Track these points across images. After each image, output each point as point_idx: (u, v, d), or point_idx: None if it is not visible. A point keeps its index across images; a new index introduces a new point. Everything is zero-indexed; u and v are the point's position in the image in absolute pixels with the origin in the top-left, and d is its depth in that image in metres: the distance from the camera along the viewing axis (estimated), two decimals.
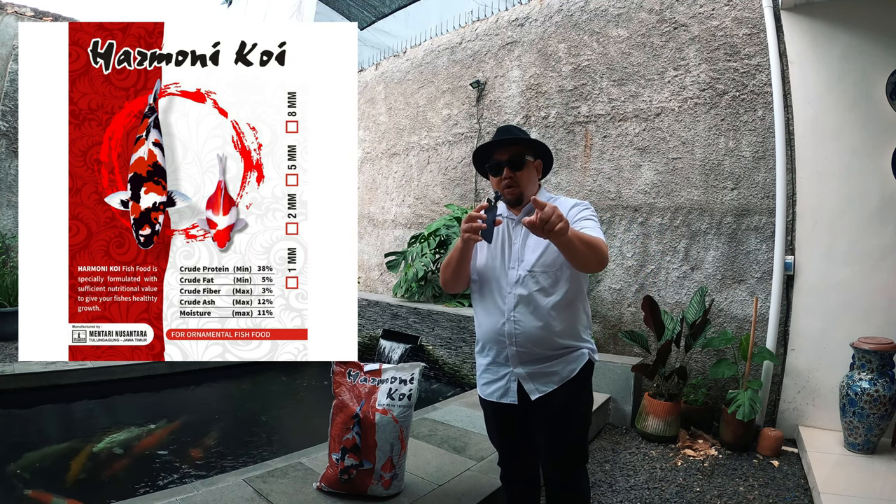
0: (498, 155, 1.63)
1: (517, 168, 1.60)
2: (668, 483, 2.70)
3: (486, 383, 1.68)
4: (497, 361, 1.63)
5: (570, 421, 1.60)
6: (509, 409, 1.62)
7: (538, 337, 1.54)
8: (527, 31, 5.31)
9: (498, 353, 1.62)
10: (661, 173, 4.14)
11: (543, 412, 1.59)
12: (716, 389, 3.59)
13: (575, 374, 1.58)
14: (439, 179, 6.18)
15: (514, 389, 1.60)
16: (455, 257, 1.59)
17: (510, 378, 1.60)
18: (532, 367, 1.58)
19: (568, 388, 1.57)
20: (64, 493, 2.28)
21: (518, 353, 1.57)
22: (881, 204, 3.12)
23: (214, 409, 3.84)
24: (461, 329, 4.22)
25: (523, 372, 1.58)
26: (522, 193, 1.62)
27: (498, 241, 1.64)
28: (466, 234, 1.45)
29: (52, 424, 3.31)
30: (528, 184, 1.63)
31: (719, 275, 3.77)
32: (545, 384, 1.57)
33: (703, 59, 3.96)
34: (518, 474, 1.76)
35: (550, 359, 1.57)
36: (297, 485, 2.00)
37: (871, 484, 2.53)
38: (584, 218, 1.56)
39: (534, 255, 1.57)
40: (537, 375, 1.58)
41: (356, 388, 1.99)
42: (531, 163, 1.64)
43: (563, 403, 1.57)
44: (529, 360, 1.57)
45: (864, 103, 3.18)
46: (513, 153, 1.60)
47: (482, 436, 2.71)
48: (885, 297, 3.07)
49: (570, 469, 1.62)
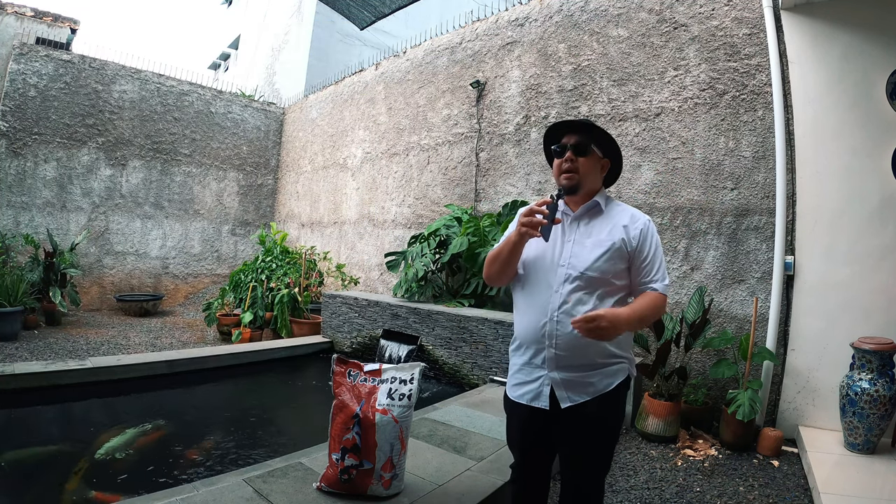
0: (567, 138, 1.56)
1: (581, 153, 1.52)
2: (668, 483, 2.70)
3: (517, 384, 1.59)
4: (533, 363, 1.54)
5: (598, 435, 1.52)
6: (537, 414, 1.53)
7: (580, 343, 1.44)
8: (527, 31, 5.31)
9: (535, 355, 1.53)
10: (661, 173, 4.14)
11: (572, 422, 1.50)
12: (716, 389, 3.59)
13: (611, 388, 1.49)
14: (439, 179, 6.18)
15: (547, 394, 1.50)
16: (506, 250, 1.52)
17: (544, 382, 1.51)
18: (568, 374, 1.49)
19: (601, 401, 1.48)
20: (64, 495, 2.27)
21: (556, 357, 1.48)
22: (881, 204, 3.12)
23: (214, 408, 3.84)
24: (461, 329, 4.22)
25: (558, 378, 1.49)
26: (580, 183, 1.53)
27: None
28: (524, 228, 1.39)
29: (52, 425, 3.31)
30: (590, 175, 1.55)
31: (719, 275, 3.77)
32: (579, 394, 1.48)
33: (703, 59, 3.96)
34: (530, 480, 1.67)
35: (589, 368, 1.48)
36: (297, 485, 2.00)
37: (871, 484, 2.52)
38: (648, 265, 1.50)
39: (591, 256, 1.48)
40: (572, 384, 1.49)
41: (356, 388, 1.99)
42: (597, 156, 1.56)
43: (595, 416, 1.49)
44: (567, 367, 1.48)
45: (864, 103, 3.18)
46: (581, 138, 1.53)
47: (482, 436, 2.71)
48: (885, 297, 3.07)
49: (590, 480, 1.55)
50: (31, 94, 6.97)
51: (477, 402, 3.32)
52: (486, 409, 3.15)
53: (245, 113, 9.22)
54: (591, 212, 1.57)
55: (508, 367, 1.66)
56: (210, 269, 8.83)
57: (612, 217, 1.55)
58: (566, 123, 1.58)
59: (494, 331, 3.98)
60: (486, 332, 4.04)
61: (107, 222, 7.71)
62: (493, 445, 2.58)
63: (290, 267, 6.89)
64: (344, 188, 7.86)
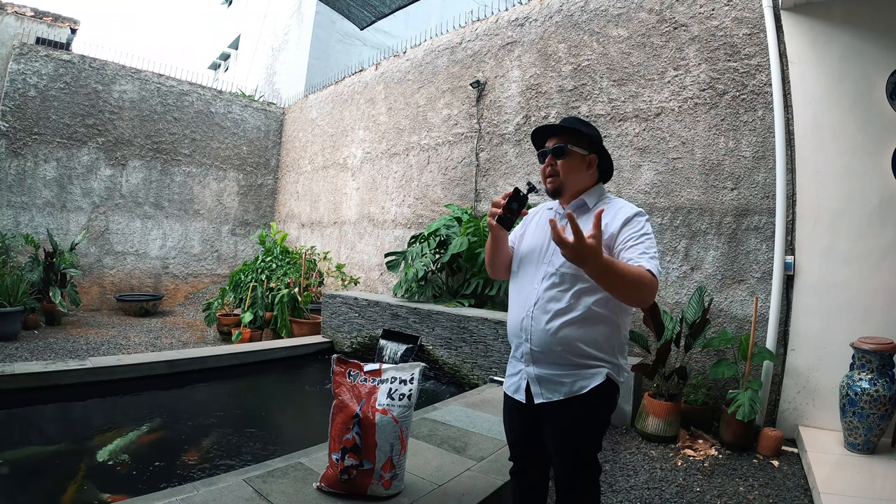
0: (549, 142, 1.60)
1: (559, 156, 1.56)
2: (668, 483, 2.70)
3: (508, 375, 1.65)
4: (515, 356, 1.60)
5: (572, 435, 1.51)
6: (519, 406, 1.58)
7: (547, 342, 1.47)
8: (527, 31, 5.31)
9: (517, 348, 1.58)
10: (661, 173, 4.14)
11: (547, 419, 1.53)
12: (716, 389, 3.59)
13: (585, 391, 1.46)
14: (439, 179, 6.18)
15: (523, 388, 1.55)
16: (489, 243, 1.64)
17: (522, 376, 1.56)
18: (542, 370, 1.51)
19: (578, 404, 1.47)
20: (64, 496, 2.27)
21: (532, 353, 1.52)
22: (881, 204, 3.12)
23: (214, 408, 3.84)
24: (461, 329, 4.22)
25: (533, 373, 1.53)
26: (562, 185, 1.57)
27: (542, 234, 1.59)
28: (488, 218, 1.48)
29: (53, 425, 3.31)
30: (571, 174, 1.56)
31: (719, 275, 3.77)
32: (551, 392, 1.50)
33: (703, 59, 3.96)
34: (525, 472, 1.70)
35: (563, 366, 1.49)
36: (297, 485, 1.99)
37: (871, 484, 2.52)
38: (634, 243, 1.42)
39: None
40: (546, 381, 1.51)
41: (356, 388, 1.99)
42: (580, 154, 1.56)
43: (572, 417, 1.49)
44: (541, 363, 1.51)
45: (864, 103, 3.18)
46: (558, 140, 1.57)
47: (482, 436, 2.71)
48: (885, 297, 3.07)
49: (572, 477, 1.55)
50: (31, 94, 6.97)
51: (477, 402, 3.32)
52: (486, 409, 3.15)
53: (245, 113, 9.22)
54: (578, 210, 1.60)
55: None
56: (210, 269, 8.83)
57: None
58: (548, 127, 1.61)
59: (494, 331, 3.98)
60: (486, 332, 4.04)
61: (107, 222, 7.71)
62: (493, 445, 2.58)
63: (290, 267, 6.89)
64: (344, 188, 7.86)
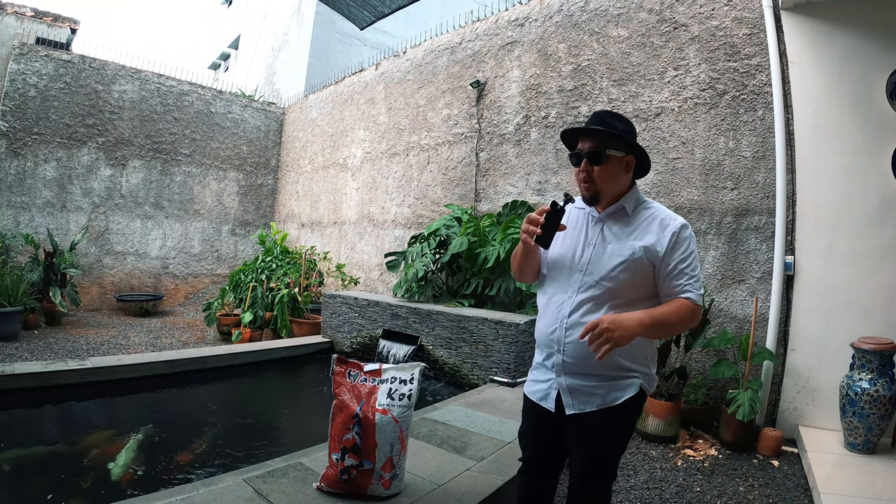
0: (581, 143, 1.49)
1: (596, 162, 1.45)
2: (668, 483, 2.70)
3: (532, 381, 1.60)
4: (545, 365, 1.54)
5: (601, 445, 1.49)
6: (544, 411, 1.54)
7: (583, 354, 1.41)
8: (527, 31, 5.31)
9: (547, 357, 1.53)
10: (661, 173, 4.14)
11: (576, 428, 1.48)
12: (716, 389, 3.59)
13: (618, 403, 1.43)
14: (439, 179, 6.18)
15: (553, 398, 1.50)
16: (519, 253, 1.55)
17: (552, 385, 1.51)
18: (575, 382, 1.46)
19: (607, 414, 1.44)
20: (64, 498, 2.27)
21: (564, 364, 1.46)
22: (881, 204, 3.12)
23: (214, 408, 3.84)
24: (461, 329, 4.22)
25: (565, 384, 1.47)
26: (599, 192, 1.47)
27: (573, 238, 1.52)
28: (524, 236, 1.39)
29: (53, 425, 3.31)
30: (609, 181, 1.47)
31: (719, 275, 3.77)
32: (584, 403, 1.45)
33: (703, 59, 3.96)
34: (538, 474, 1.67)
35: (597, 378, 1.44)
36: (297, 485, 1.99)
37: (871, 484, 2.52)
38: (682, 267, 1.40)
39: (608, 265, 1.42)
40: (578, 392, 1.46)
41: (356, 388, 1.99)
42: (617, 158, 1.46)
43: (601, 425, 1.45)
44: (574, 374, 1.46)
45: (864, 103, 3.18)
46: (595, 145, 1.45)
47: (482, 436, 2.71)
48: (885, 297, 3.07)
49: (591, 485, 1.52)
50: (31, 94, 6.97)
51: (477, 402, 3.32)
52: (486, 409, 3.15)
53: (245, 113, 9.21)
54: (616, 216, 1.51)
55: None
56: (210, 269, 8.83)
57: (638, 222, 1.48)
58: (583, 130, 1.50)
59: (494, 331, 3.98)
60: (486, 332, 4.04)
61: (107, 222, 7.71)
62: (493, 445, 2.58)
63: (290, 267, 6.89)
64: (344, 188, 7.86)
